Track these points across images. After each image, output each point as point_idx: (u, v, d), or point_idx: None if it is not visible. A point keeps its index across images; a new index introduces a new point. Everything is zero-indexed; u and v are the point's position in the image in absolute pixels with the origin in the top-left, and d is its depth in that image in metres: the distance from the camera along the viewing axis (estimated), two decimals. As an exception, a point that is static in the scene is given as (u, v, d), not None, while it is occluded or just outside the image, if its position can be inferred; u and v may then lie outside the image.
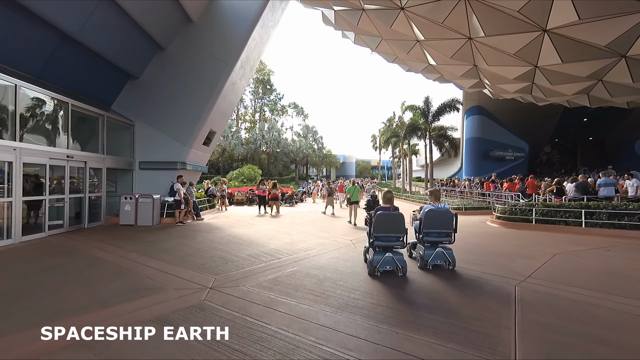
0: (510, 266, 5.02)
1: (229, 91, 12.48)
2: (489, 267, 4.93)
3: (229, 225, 9.67)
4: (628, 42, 7.23)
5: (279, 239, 7.43)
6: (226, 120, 14.19)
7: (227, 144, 44.26)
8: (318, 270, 4.72)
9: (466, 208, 13.58)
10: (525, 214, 9.52)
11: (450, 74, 12.54)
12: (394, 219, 4.48)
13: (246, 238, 7.46)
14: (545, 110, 24.46)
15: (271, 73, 57.96)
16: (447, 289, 3.98)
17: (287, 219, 11.48)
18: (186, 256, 5.64)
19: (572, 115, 25.89)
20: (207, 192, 13.99)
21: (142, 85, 11.32)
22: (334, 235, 7.97)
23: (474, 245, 6.83)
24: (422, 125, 19.74)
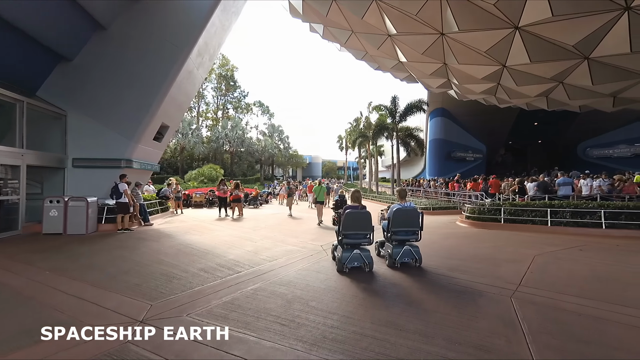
0: (496, 272, 4.60)
1: (185, 81, 11.16)
2: (475, 274, 4.47)
3: (182, 232, 8.46)
4: (593, 43, 7.33)
5: (240, 246, 6.48)
6: (182, 114, 12.77)
7: (187, 142, 41.49)
8: (286, 287, 3.91)
9: (434, 208, 13.54)
10: (493, 213, 9.49)
11: (420, 72, 12.37)
12: (361, 217, 4.63)
13: (201, 247, 6.41)
14: (503, 114, 25.86)
15: (235, 69, 55.72)
16: (436, 302, 3.39)
17: (251, 223, 10.48)
18: (119, 274, 4.51)
19: (525, 120, 27.71)
20: (159, 193, 12.48)
21: (78, 70, 9.64)
22: (302, 241, 7.18)
23: (451, 249, 6.46)
24: (390, 125, 19.68)
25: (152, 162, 11.66)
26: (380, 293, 3.84)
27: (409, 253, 4.81)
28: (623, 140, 23.58)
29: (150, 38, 9.97)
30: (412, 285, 4.08)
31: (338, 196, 9.62)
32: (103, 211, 8.73)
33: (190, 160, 48.99)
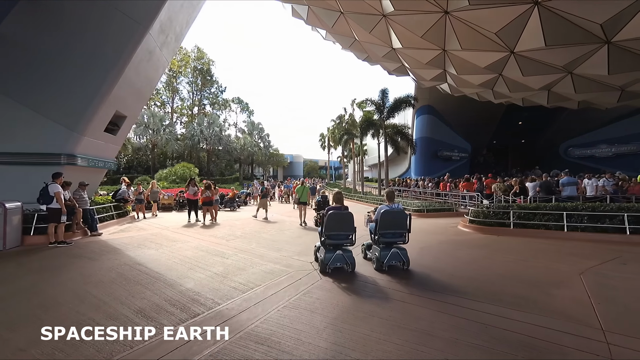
0: (550, 304, 3.41)
1: (145, 62, 9.43)
2: (520, 305, 3.28)
3: (135, 244, 6.79)
4: (620, 23, 6.43)
5: (205, 266, 4.97)
6: (142, 102, 10.92)
7: (159, 139, 38.69)
8: (265, 348, 2.51)
9: (428, 210, 12.48)
10: (500, 217, 8.49)
11: (415, 60, 11.24)
12: (344, 218, 4.61)
13: (152, 268, 4.85)
14: (489, 112, 25.56)
15: (212, 63, 53.01)
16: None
17: (224, 230, 8.92)
18: (6, 323, 2.93)
19: (510, 119, 27.59)
20: (116, 195, 10.61)
21: (2, 41, 7.71)
22: (286, 255, 5.77)
23: (471, 264, 5.27)
24: (377, 122, 18.54)
25: (105, 159, 9.81)
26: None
27: (396, 256, 4.71)
28: (603, 140, 23.80)
29: (98, 6, 8.17)
30: (432, 322, 2.78)
31: (320, 197, 9.41)
32: (33, 219, 6.91)
33: (164, 159, 45.98)
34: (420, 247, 6.37)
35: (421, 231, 8.41)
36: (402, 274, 4.55)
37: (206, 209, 10.19)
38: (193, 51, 51.08)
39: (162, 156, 45.23)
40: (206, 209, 10.19)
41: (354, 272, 4.51)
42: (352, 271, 4.53)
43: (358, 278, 4.37)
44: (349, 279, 4.32)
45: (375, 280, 4.26)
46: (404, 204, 13.43)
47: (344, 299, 3.58)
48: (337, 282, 4.15)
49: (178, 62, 48.16)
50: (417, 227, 9.81)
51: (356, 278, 4.37)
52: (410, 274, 4.56)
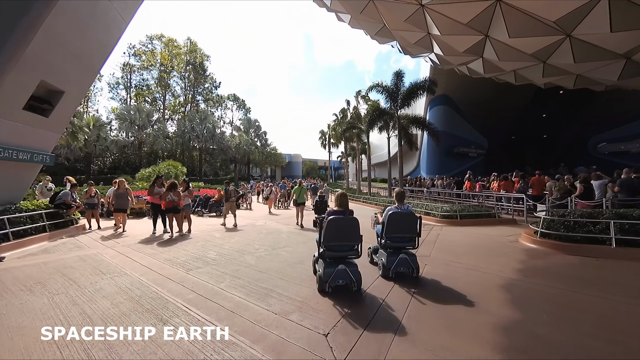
0: None
1: (86, 15, 6.81)
2: None
3: (30, 282, 4.15)
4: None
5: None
6: (89, 74, 8.13)
7: (146, 135, 35.94)
8: None
9: (461, 216, 9.83)
10: (589, 230, 5.89)
11: (449, 47, 8.69)
12: (347, 226, 3.75)
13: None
14: (509, 105, 23.00)
15: (206, 58, 50.31)
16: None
17: (193, 248, 6.29)
18: None
19: (532, 111, 25.04)
20: (55, 199, 7.95)
21: None
22: (277, 311, 3.15)
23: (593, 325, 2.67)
24: (391, 110, 15.85)
25: (33, 149, 7.17)
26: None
27: (404, 262, 4.24)
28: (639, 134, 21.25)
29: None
30: None
31: (318, 197, 8.97)
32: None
33: (155, 158, 43.19)
34: (489, 288, 3.75)
35: (467, 248, 5.90)
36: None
37: (171, 217, 7.53)
38: (185, 44, 48.43)
39: (152, 155, 42.49)
40: (171, 217, 7.53)
41: (359, 291, 3.71)
42: (358, 290, 3.73)
43: (365, 301, 3.25)
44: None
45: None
46: (425, 207, 10.85)
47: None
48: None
49: (168, 55, 45.48)
50: (455, 241, 7.13)
51: (363, 301, 3.18)
52: None
